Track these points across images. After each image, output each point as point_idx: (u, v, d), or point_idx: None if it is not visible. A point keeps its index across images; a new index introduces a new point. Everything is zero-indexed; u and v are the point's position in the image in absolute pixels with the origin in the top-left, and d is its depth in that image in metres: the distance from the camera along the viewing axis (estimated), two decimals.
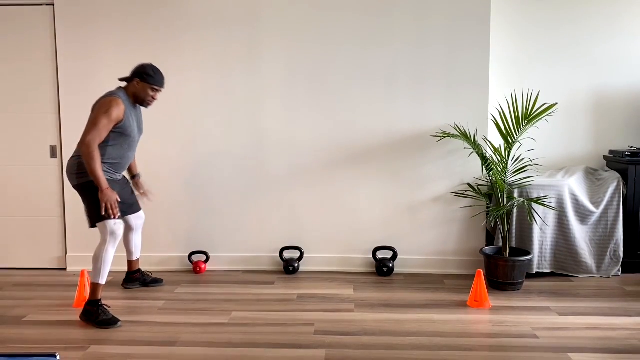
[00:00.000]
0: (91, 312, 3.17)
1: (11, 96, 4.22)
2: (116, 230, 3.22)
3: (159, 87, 3.35)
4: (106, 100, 3.20)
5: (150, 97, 3.35)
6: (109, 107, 3.15)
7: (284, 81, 4.12)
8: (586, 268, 3.98)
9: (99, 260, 3.21)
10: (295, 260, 4.17)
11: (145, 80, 3.29)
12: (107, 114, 3.13)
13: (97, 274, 3.21)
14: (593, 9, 4.35)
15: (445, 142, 4.09)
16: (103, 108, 3.15)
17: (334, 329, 3.09)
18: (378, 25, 4.03)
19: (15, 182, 4.27)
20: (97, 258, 3.21)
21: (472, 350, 2.81)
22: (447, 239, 4.17)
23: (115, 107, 3.16)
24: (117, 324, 3.15)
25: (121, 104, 3.20)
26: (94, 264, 3.22)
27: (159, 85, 3.35)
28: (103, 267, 3.21)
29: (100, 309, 3.18)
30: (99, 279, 3.21)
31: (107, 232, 3.20)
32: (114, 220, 3.20)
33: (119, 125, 3.21)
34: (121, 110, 3.19)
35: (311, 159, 4.17)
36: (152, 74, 3.30)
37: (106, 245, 3.21)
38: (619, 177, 4.06)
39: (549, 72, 4.42)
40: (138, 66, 3.34)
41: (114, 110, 3.15)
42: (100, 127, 3.11)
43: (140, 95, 3.32)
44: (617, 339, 2.94)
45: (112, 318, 3.17)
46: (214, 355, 2.78)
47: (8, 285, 3.95)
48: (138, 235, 3.78)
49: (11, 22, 4.15)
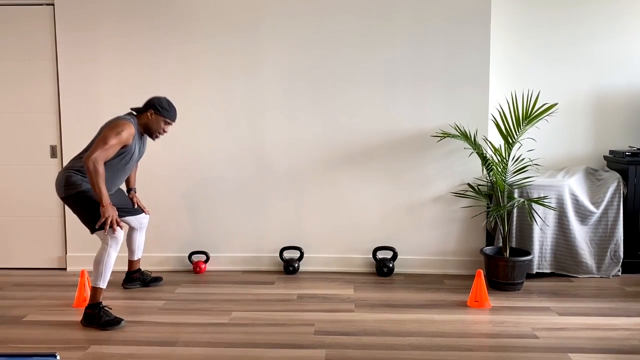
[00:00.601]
0: (93, 315, 3.16)
1: (11, 96, 4.22)
2: (117, 235, 3.22)
3: (171, 121, 3.38)
4: (119, 122, 3.21)
5: (162, 129, 3.37)
6: (121, 128, 3.17)
7: (285, 82, 4.12)
8: (586, 268, 3.98)
9: (101, 264, 3.19)
10: (296, 260, 4.17)
11: (160, 113, 3.32)
12: (119, 135, 3.15)
13: (98, 278, 3.19)
14: (593, 9, 4.35)
15: (446, 142, 4.09)
16: (116, 129, 3.16)
17: (334, 329, 3.09)
18: (378, 26, 4.03)
19: (16, 182, 4.27)
20: (99, 262, 3.20)
21: (472, 351, 2.81)
22: (447, 239, 4.17)
23: (127, 130, 3.18)
24: (120, 324, 3.14)
25: (132, 130, 3.22)
26: (95, 267, 3.20)
27: (172, 119, 3.38)
28: (104, 271, 3.20)
29: (101, 311, 3.17)
30: (100, 283, 3.20)
31: (107, 238, 3.20)
32: None
33: (122, 150, 3.23)
34: (130, 135, 3.21)
35: (311, 159, 4.17)
36: (168, 108, 3.33)
37: (108, 250, 3.20)
38: (619, 177, 4.06)
39: (549, 72, 4.42)
40: (153, 98, 3.35)
41: (125, 133, 3.17)
42: (109, 146, 3.12)
43: (152, 127, 3.34)
44: (617, 339, 2.94)
45: (115, 318, 3.16)
46: (214, 355, 2.77)
47: (8, 285, 3.95)
48: (142, 234, 3.78)
49: (11, 22, 4.15)
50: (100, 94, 4.16)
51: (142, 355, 2.77)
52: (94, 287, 3.20)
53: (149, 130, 3.36)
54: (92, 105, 4.16)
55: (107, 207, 3.11)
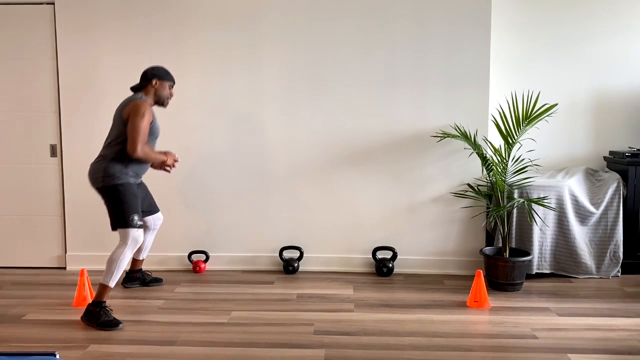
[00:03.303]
0: (93, 312, 3.16)
1: (11, 94, 4.21)
2: (138, 237, 3.24)
3: (173, 83, 3.45)
4: (136, 104, 3.22)
5: (169, 94, 3.42)
6: (143, 109, 3.20)
7: (285, 82, 4.12)
8: (586, 269, 3.98)
9: (114, 263, 3.19)
10: (295, 260, 4.17)
11: (163, 79, 3.37)
12: (144, 117, 3.19)
13: (109, 277, 3.19)
14: (593, 10, 4.36)
15: (446, 143, 4.09)
16: (139, 112, 3.18)
17: (334, 329, 3.09)
18: (378, 26, 4.03)
19: (15, 181, 4.27)
20: (114, 261, 3.19)
21: (472, 351, 2.81)
22: (447, 239, 4.17)
23: (147, 108, 3.23)
24: (118, 326, 3.13)
25: (148, 107, 3.26)
26: (108, 265, 3.20)
27: (173, 80, 3.44)
28: (117, 271, 3.19)
29: (102, 310, 3.16)
30: (110, 282, 3.19)
31: (128, 237, 3.21)
32: (137, 228, 3.23)
33: (150, 127, 3.27)
34: (150, 113, 3.26)
35: (311, 159, 4.17)
36: (167, 71, 3.40)
37: (125, 249, 3.21)
38: (619, 178, 4.06)
39: (549, 73, 4.42)
40: (149, 69, 3.38)
41: (147, 113, 3.22)
42: (142, 132, 3.18)
43: (162, 94, 3.38)
44: (616, 340, 2.94)
45: (114, 320, 3.15)
46: (214, 355, 2.77)
47: (7, 284, 3.95)
48: (152, 235, 3.78)
49: (11, 21, 4.15)
50: (100, 92, 4.16)
51: (141, 355, 2.77)
52: (102, 285, 3.19)
53: (160, 99, 3.40)
54: (92, 104, 4.16)
55: (161, 156, 3.33)
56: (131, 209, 3.23)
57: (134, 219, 3.22)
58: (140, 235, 3.25)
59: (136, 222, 3.23)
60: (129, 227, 3.21)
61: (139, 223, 3.25)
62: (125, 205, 3.22)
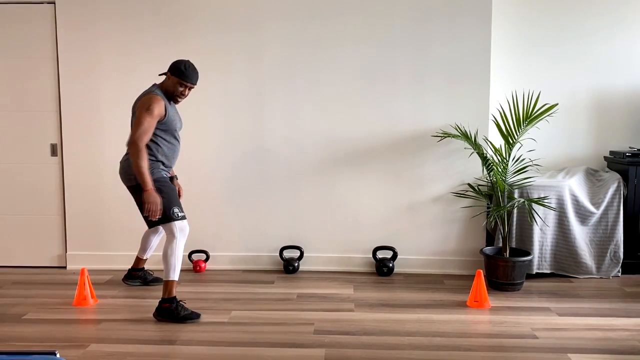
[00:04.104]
0: (170, 309, 3.19)
1: (12, 94, 4.22)
2: (183, 227, 3.25)
3: (187, 83, 3.28)
4: (146, 98, 3.21)
5: (179, 92, 3.29)
6: (149, 104, 3.17)
7: (285, 81, 4.11)
8: (586, 269, 3.98)
9: (172, 257, 3.21)
10: (295, 259, 4.17)
11: (175, 74, 3.26)
12: (149, 111, 3.15)
13: (170, 271, 3.21)
14: (594, 10, 4.35)
15: (446, 142, 4.09)
16: (145, 106, 3.17)
17: (334, 329, 3.09)
18: (379, 26, 4.03)
19: (16, 180, 4.27)
20: (170, 255, 3.21)
21: (472, 351, 2.81)
22: (447, 239, 4.17)
23: (156, 103, 3.18)
24: (199, 318, 3.18)
25: (160, 100, 3.21)
26: (166, 261, 3.21)
27: (187, 81, 3.27)
28: (176, 264, 3.22)
29: (178, 305, 3.20)
30: (173, 276, 3.22)
31: (176, 229, 3.22)
32: (180, 220, 3.23)
33: (163, 122, 3.24)
34: (162, 106, 3.21)
35: (311, 158, 4.17)
36: (184, 70, 3.25)
37: (177, 242, 3.23)
38: (619, 178, 4.06)
39: (549, 73, 4.42)
40: (175, 61, 3.30)
41: (155, 107, 3.17)
42: (145, 126, 3.15)
43: (170, 89, 3.29)
44: (616, 340, 2.94)
45: (193, 312, 3.20)
46: (214, 354, 2.78)
47: (8, 283, 3.95)
48: (160, 236, 3.78)
49: (12, 21, 4.15)
50: (101, 92, 4.16)
51: (141, 354, 2.78)
52: (167, 281, 3.21)
53: (169, 94, 3.30)
54: (92, 103, 4.16)
55: (151, 192, 3.11)
56: (170, 202, 3.22)
57: (174, 212, 3.21)
58: (185, 225, 3.26)
59: (177, 213, 3.22)
60: (172, 221, 3.21)
61: (180, 214, 3.24)
62: (164, 200, 3.18)
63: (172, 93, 3.30)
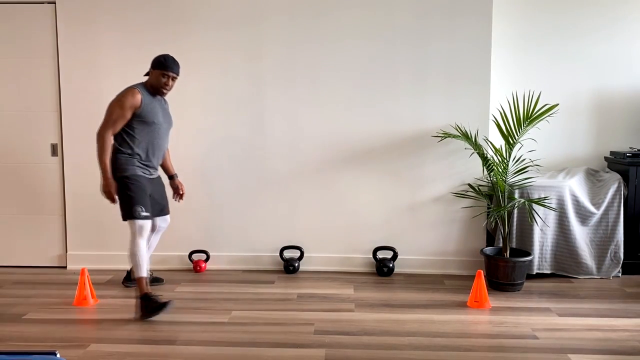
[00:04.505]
0: (144, 305, 3.24)
1: (12, 94, 4.22)
2: (144, 224, 3.30)
3: (167, 72, 3.33)
4: (121, 92, 3.30)
5: (163, 83, 3.35)
6: (121, 96, 3.26)
7: (285, 81, 4.11)
8: (586, 269, 3.98)
9: (135, 255, 3.29)
10: (296, 259, 4.17)
11: (157, 67, 3.34)
12: (119, 102, 3.23)
13: (137, 269, 3.30)
14: (595, 11, 4.35)
15: (446, 143, 4.09)
16: (116, 99, 3.27)
17: (334, 329, 3.09)
18: (379, 26, 4.03)
19: (16, 180, 4.27)
20: (133, 254, 3.30)
21: (472, 351, 2.81)
22: (447, 240, 4.17)
23: (129, 95, 3.24)
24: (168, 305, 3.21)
25: (137, 93, 3.26)
26: (131, 260, 3.31)
27: (168, 70, 3.32)
28: (141, 261, 3.29)
29: (151, 299, 3.24)
30: (141, 272, 3.29)
31: (135, 227, 3.29)
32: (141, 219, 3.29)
33: (137, 113, 3.27)
34: (136, 99, 3.25)
35: (312, 158, 4.17)
36: (163, 61, 3.33)
37: (137, 240, 3.30)
38: (619, 178, 4.06)
39: (550, 73, 4.42)
40: (155, 57, 3.39)
41: (127, 99, 3.22)
42: (113, 117, 3.23)
43: (154, 83, 3.36)
44: (617, 340, 2.94)
45: (165, 302, 3.23)
46: (214, 354, 2.78)
47: (8, 283, 3.95)
48: (157, 237, 3.78)
49: (13, 20, 4.15)
50: (101, 92, 4.15)
51: (141, 354, 2.78)
52: (137, 279, 3.29)
53: (154, 87, 3.37)
54: (93, 103, 4.16)
55: (108, 182, 3.25)
56: (134, 200, 3.28)
57: (136, 210, 3.27)
58: (145, 224, 3.31)
59: (139, 212, 3.28)
60: (133, 219, 3.29)
61: (143, 214, 3.29)
62: (128, 198, 3.28)
63: (157, 86, 3.36)
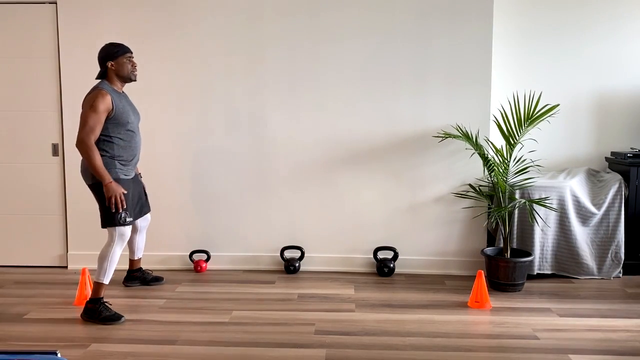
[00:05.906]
0: (93, 309, 3.19)
1: (13, 94, 4.22)
2: (125, 231, 3.25)
3: (130, 54, 3.30)
4: (90, 95, 3.18)
5: (131, 66, 3.30)
6: (93, 100, 3.13)
7: (285, 81, 4.12)
8: (587, 269, 3.98)
9: (105, 260, 3.22)
10: (296, 259, 4.17)
11: (116, 56, 3.25)
12: (93, 107, 3.12)
13: (101, 273, 3.22)
14: (596, 11, 4.35)
15: (447, 143, 4.09)
16: (88, 104, 3.15)
17: (335, 329, 3.09)
18: (379, 26, 4.03)
19: (17, 180, 4.28)
20: (104, 258, 3.23)
21: (473, 351, 2.81)
22: (448, 240, 4.17)
23: (100, 98, 3.13)
24: (120, 320, 3.17)
25: (106, 95, 3.16)
26: (99, 263, 3.23)
27: (127, 51, 3.29)
28: (109, 267, 3.23)
29: (102, 306, 3.19)
30: (103, 279, 3.23)
31: (115, 233, 3.23)
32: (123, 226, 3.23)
33: (112, 116, 3.20)
34: (107, 101, 3.16)
35: (312, 158, 4.17)
36: (114, 48, 3.26)
37: (113, 246, 3.23)
38: (620, 178, 4.05)
39: (551, 73, 4.42)
40: (99, 53, 3.28)
41: (100, 103, 3.12)
42: (90, 123, 3.11)
43: (122, 72, 3.27)
44: (617, 341, 2.93)
45: (115, 314, 3.19)
46: (214, 354, 2.78)
47: (9, 282, 3.95)
48: (142, 236, 3.78)
49: (13, 20, 4.15)
50: None
51: (142, 354, 2.78)
52: (96, 282, 3.22)
53: (123, 76, 3.29)
54: None
55: (110, 186, 3.14)
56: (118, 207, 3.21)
57: (121, 217, 3.21)
58: (126, 231, 3.26)
59: (124, 219, 3.22)
60: (114, 225, 3.22)
61: (128, 220, 3.25)
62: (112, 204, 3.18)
63: (126, 74, 3.29)
